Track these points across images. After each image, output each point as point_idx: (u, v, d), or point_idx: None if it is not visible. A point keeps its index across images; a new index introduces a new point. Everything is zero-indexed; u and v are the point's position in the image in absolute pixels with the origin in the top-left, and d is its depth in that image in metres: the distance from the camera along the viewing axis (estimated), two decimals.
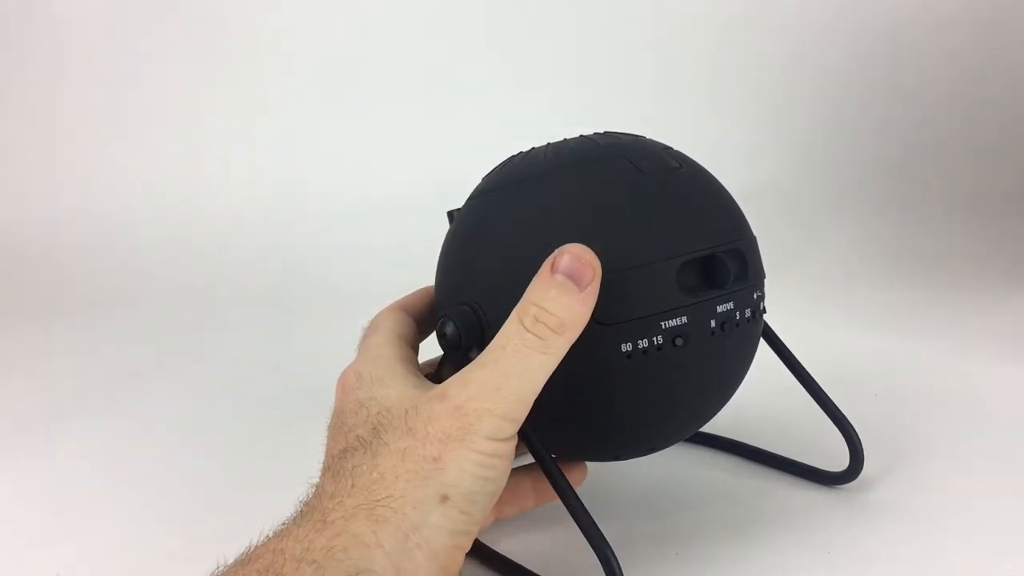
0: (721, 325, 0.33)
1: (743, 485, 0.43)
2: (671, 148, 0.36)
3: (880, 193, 0.93)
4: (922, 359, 0.59)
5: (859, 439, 0.40)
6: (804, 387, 0.41)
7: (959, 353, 0.60)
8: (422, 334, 0.37)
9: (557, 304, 0.28)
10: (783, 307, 0.45)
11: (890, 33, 0.97)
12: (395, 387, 0.30)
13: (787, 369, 0.41)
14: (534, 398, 0.28)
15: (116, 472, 0.47)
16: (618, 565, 0.30)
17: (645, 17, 0.98)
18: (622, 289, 0.31)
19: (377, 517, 0.26)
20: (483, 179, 0.37)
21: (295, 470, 0.31)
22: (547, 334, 0.28)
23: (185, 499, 0.44)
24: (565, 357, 0.29)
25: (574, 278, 0.28)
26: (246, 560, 0.26)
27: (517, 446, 0.30)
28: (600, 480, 0.43)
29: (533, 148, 0.36)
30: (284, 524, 0.27)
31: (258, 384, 0.59)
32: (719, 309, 0.32)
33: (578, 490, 0.31)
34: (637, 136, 0.37)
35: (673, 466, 0.45)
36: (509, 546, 0.38)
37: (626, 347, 0.31)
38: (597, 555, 0.30)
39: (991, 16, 0.95)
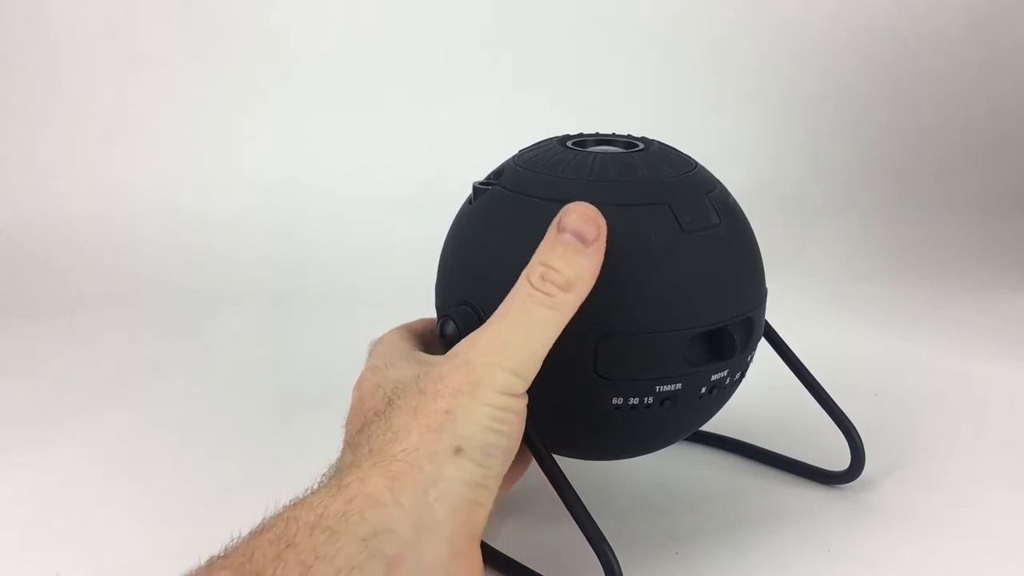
0: (711, 390, 0.33)
1: (744, 484, 0.43)
2: (716, 188, 0.35)
3: (881, 193, 0.93)
4: (922, 359, 0.59)
5: (860, 439, 0.40)
6: (805, 387, 0.41)
7: (959, 353, 0.60)
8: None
9: (564, 262, 0.28)
10: (783, 307, 0.45)
11: (891, 33, 0.97)
12: (407, 366, 0.31)
13: (788, 369, 0.41)
14: (543, 354, 0.28)
15: (116, 472, 0.47)
16: (617, 564, 0.30)
17: (645, 17, 0.98)
18: (629, 350, 0.31)
19: (393, 473, 0.26)
20: (516, 161, 0.35)
21: (295, 470, 0.31)
22: (554, 291, 0.28)
23: (185, 499, 0.44)
24: (555, 393, 0.29)
25: (580, 236, 0.29)
26: (259, 531, 0.25)
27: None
28: (600, 479, 0.43)
29: (576, 152, 0.34)
30: (302, 493, 0.27)
31: (258, 384, 0.59)
32: (713, 377, 0.33)
33: (578, 489, 0.31)
34: (687, 162, 0.35)
35: (673, 466, 0.45)
36: (509, 544, 0.38)
37: (617, 400, 0.32)
38: (597, 554, 0.30)
39: (992, 15, 0.95)
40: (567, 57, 0.98)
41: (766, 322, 0.39)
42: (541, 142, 0.37)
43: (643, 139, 0.37)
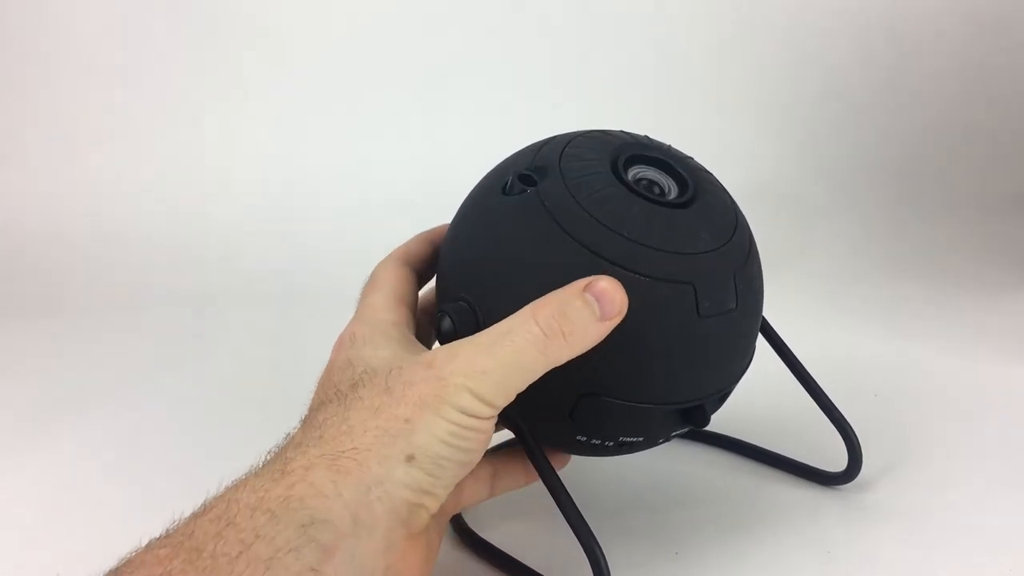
0: (668, 439, 0.35)
1: (744, 484, 0.43)
2: (747, 256, 0.33)
3: (881, 193, 0.93)
4: (923, 359, 0.59)
5: (858, 440, 0.40)
6: (804, 387, 0.41)
7: (960, 353, 0.60)
8: (422, 281, 0.37)
9: (577, 315, 0.28)
10: (784, 307, 0.45)
11: (891, 33, 0.97)
12: (386, 349, 0.31)
13: (788, 369, 0.41)
14: (518, 390, 0.28)
15: (116, 472, 0.47)
16: (605, 562, 0.30)
17: (645, 17, 0.98)
18: (606, 411, 0.31)
19: (339, 468, 0.26)
20: (563, 169, 0.32)
21: None
22: (555, 335, 0.28)
23: (186, 499, 0.44)
24: (529, 409, 0.30)
25: (602, 306, 0.29)
26: (200, 512, 0.26)
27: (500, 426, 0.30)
28: (601, 479, 0.43)
29: (626, 193, 0.31)
30: (244, 475, 0.27)
31: (258, 385, 0.59)
32: (674, 433, 0.34)
33: (578, 487, 0.31)
34: (728, 220, 0.33)
35: (674, 465, 0.45)
36: (507, 540, 0.38)
37: (581, 438, 0.33)
38: (585, 551, 0.30)
39: (994, 15, 0.95)
40: (567, 57, 0.98)
41: (765, 320, 0.39)
42: (592, 148, 0.33)
43: (693, 174, 0.34)
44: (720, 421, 0.40)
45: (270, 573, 0.23)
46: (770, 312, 0.37)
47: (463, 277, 0.33)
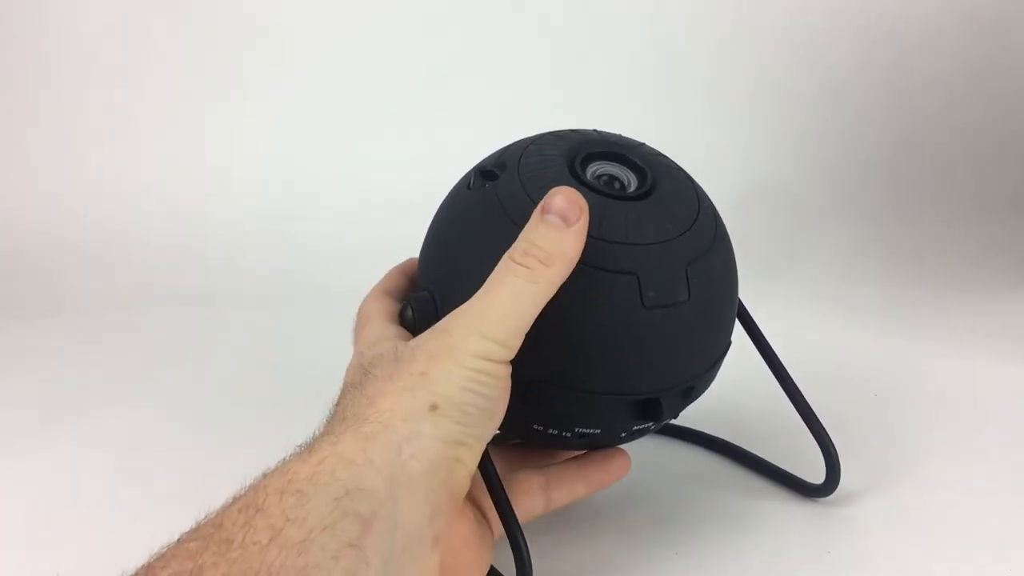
0: (631, 435, 0.34)
1: (746, 487, 0.43)
2: (705, 253, 0.32)
3: (880, 193, 0.93)
4: (922, 359, 0.59)
5: (837, 456, 0.39)
6: (790, 399, 0.40)
7: (959, 353, 0.60)
8: None
9: (545, 239, 0.29)
10: (783, 308, 0.45)
11: (890, 34, 0.97)
12: (390, 342, 0.31)
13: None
14: (523, 325, 0.28)
15: (116, 472, 0.47)
16: (528, 552, 0.30)
17: (645, 17, 0.98)
18: (556, 398, 0.31)
19: (366, 434, 0.26)
20: (521, 165, 0.33)
21: None
22: (535, 264, 0.28)
23: (186, 499, 0.44)
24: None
25: (563, 216, 0.29)
26: (230, 503, 0.25)
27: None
28: None
29: (577, 185, 0.32)
30: (274, 465, 0.27)
31: (258, 385, 0.59)
32: (635, 428, 0.34)
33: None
34: (687, 216, 0.33)
35: (676, 467, 0.45)
36: None
37: (537, 427, 0.33)
38: (511, 543, 0.30)
39: (994, 15, 0.95)
40: (567, 57, 0.98)
41: (758, 331, 0.39)
42: (555, 146, 0.34)
43: (657, 169, 0.34)
44: (721, 424, 0.40)
45: (304, 557, 0.22)
46: (769, 313, 0.37)
47: (427, 269, 0.35)
